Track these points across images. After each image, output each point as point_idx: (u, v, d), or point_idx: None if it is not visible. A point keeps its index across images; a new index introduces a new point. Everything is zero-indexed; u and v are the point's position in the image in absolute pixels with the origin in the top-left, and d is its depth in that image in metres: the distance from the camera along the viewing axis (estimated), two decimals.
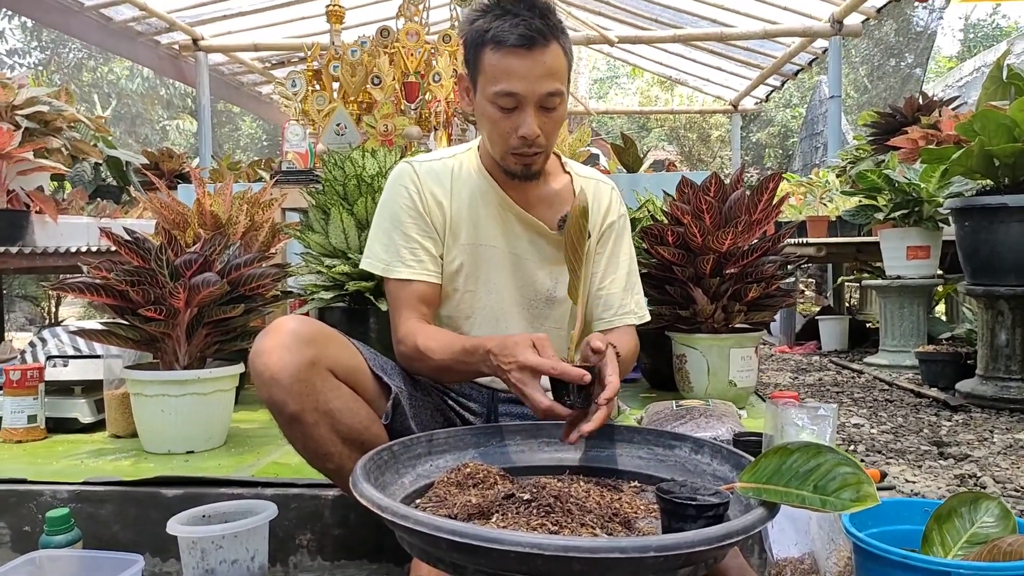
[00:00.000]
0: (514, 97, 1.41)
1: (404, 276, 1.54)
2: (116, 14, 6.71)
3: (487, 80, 1.43)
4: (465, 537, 0.87)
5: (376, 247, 1.58)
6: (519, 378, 1.24)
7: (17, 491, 1.73)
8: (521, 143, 1.45)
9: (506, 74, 1.40)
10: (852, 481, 0.98)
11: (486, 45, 1.41)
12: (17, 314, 8.10)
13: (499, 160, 1.51)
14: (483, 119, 1.49)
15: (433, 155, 1.65)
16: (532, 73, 1.39)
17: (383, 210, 1.59)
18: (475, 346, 1.36)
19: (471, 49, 1.46)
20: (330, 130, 3.25)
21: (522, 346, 1.26)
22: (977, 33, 16.90)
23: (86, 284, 1.91)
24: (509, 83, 1.40)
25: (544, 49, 1.39)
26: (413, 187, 1.57)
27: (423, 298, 1.55)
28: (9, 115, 3.55)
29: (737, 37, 7.34)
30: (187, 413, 1.99)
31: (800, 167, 9.50)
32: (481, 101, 1.46)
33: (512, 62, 1.39)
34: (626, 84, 20.25)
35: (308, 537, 1.68)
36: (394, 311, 1.56)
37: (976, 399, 3.17)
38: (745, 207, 2.43)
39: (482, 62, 1.43)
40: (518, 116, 1.43)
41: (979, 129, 2.95)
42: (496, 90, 1.41)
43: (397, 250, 1.55)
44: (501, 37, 1.39)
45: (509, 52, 1.39)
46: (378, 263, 1.57)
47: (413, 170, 1.59)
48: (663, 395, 2.61)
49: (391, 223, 1.57)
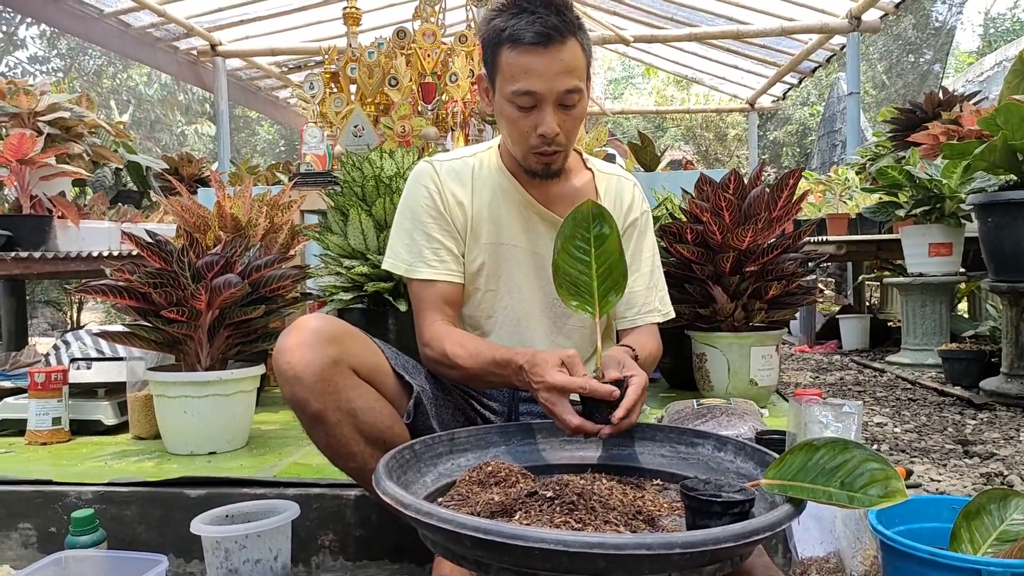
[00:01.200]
0: (532, 96, 1.40)
1: (427, 276, 1.54)
2: (135, 20, 6.77)
3: (505, 79, 1.42)
4: (489, 534, 0.87)
5: (398, 247, 1.58)
6: (547, 398, 1.25)
7: (43, 492, 1.75)
8: (541, 142, 1.44)
9: (524, 72, 1.39)
10: (880, 477, 0.97)
11: (503, 44, 1.40)
12: (40, 320, 8.20)
13: (520, 159, 1.51)
14: (502, 119, 1.48)
15: (453, 154, 1.65)
16: (550, 71, 1.38)
17: (404, 210, 1.59)
18: (506, 360, 1.36)
19: (488, 49, 1.45)
20: (348, 132, 3.26)
21: (551, 364, 1.26)
22: (998, 27, 16.71)
23: (109, 286, 1.93)
24: (527, 81, 1.39)
25: (561, 46, 1.38)
26: (434, 186, 1.57)
27: (447, 299, 1.55)
28: (32, 121, 3.60)
29: (753, 35, 7.30)
30: (209, 414, 2.00)
31: (818, 165, 9.43)
32: (500, 101, 1.46)
33: (529, 60, 1.38)
34: (641, 84, 20.20)
35: (330, 537, 1.68)
36: (418, 313, 1.56)
37: (1001, 397, 3.13)
38: (765, 204, 2.41)
39: (500, 61, 1.42)
40: (537, 115, 1.42)
41: (1002, 123, 2.91)
42: (514, 89, 1.40)
43: (419, 250, 1.55)
44: (518, 35, 1.38)
45: (526, 50, 1.38)
46: (401, 264, 1.57)
47: (433, 169, 1.59)
48: (683, 394, 2.60)
49: (412, 223, 1.57)
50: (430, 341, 1.50)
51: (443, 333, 1.49)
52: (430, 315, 1.53)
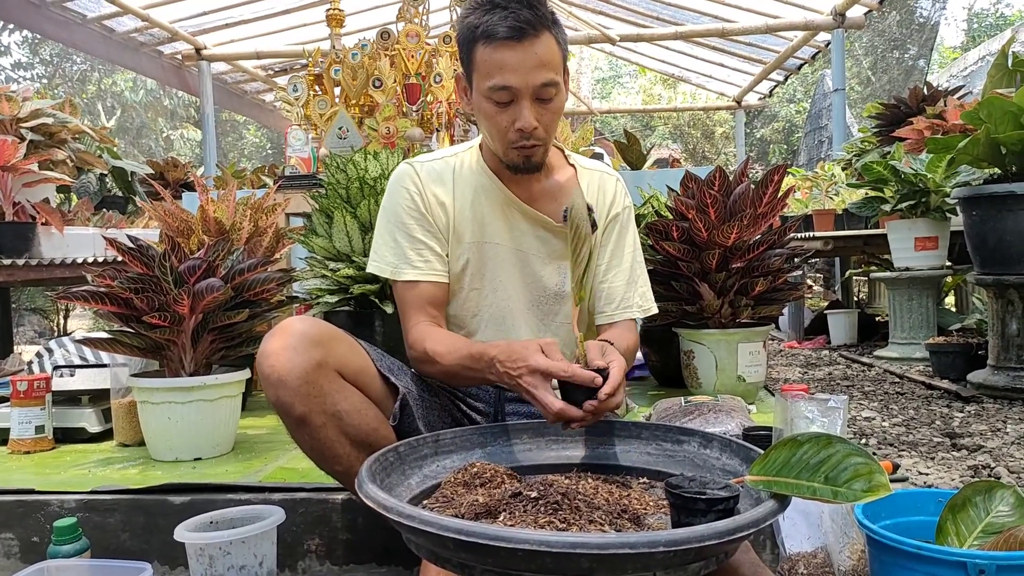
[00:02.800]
0: (508, 91, 1.40)
1: (412, 278, 1.54)
2: (119, 25, 6.73)
3: (481, 76, 1.42)
4: (472, 536, 0.86)
5: (383, 250, 1.57)
6: (530, 382, 1.24)
7: (25, 501, 1.73)
8: (519, 136, 1.44)
9: (499, 68, 1.39)
10: (864, 471, 0.97)
11: (477, 41, 1.40)
12: (26, 327, 8.13)
13: (500, 155, 1.51)
14: (481, 115, 1.48)
15: (434, 155, 1.65)
16: (524, 65, 1.38)
17: (386, 212, 1.59)
18: (480, 353, 1.35)
19: (464, 47, 1.45)
20: (332, 134, 3.24)
21: (531, 350, 1.25)
22: (981, 22, 16.82)
23: (90, 292, 1.91)
24: (502, 76, 1.39)
25: (535, 39, 1.38)
26: (415, 188, 1.56)
27: (431, 299, 1.55)
28: (14, 127, 3.57)
29: (739, 32, 7.31)
30: (194, 420, 1.99)
31: (805, 162, 9.47)
32: (478, 98, 1.46)
33: (504, 55, 1.38)
34: (629, 83, 20.23)
35: (316, 542, 1.67)
36: (403, 315, 1.55)
37: (988, 390, 3.15)
38: (750, 200, 2.42)
39: (475, 58, 1.42)
40: (514, 109, 1.42)
41: (985, 117, 2.92)
42: (490, 84, 1.40)
43: (403, 252, 1.55)
44: (491, 31, 1.38)
45: (500, 45, 1.38)
46: (386, 266, 1.56)
47: (414, 171, 1.58)
48: (671, 392, 2.59)
49: (395, 225, 1.56)
50: (413, 342, 1.50)
51: (426, 333, 1.49)
52: (415, 316, 1.53)
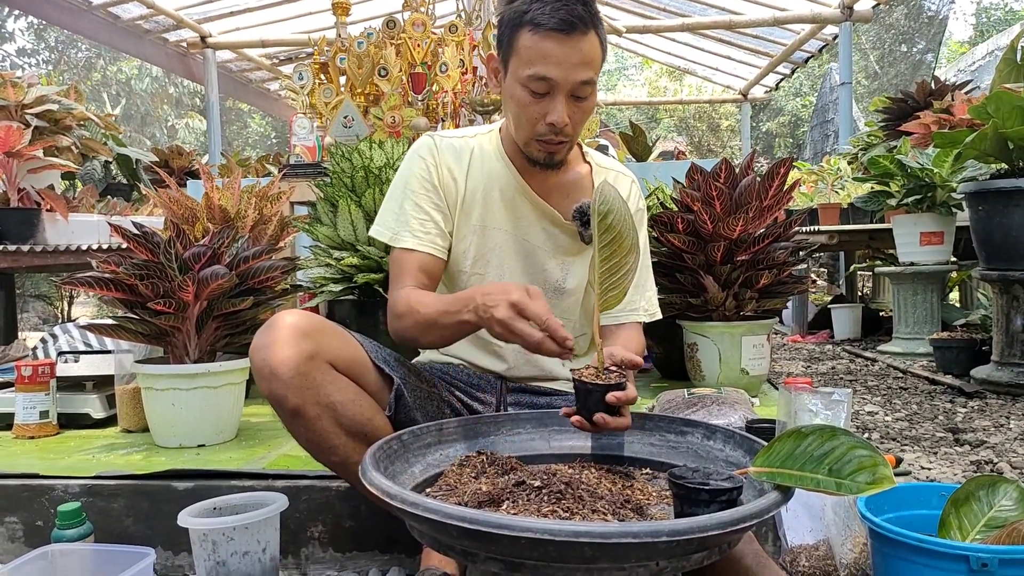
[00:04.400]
0: (547, 82, 1.38)
1: (409, 245, 1.53)
2: (124, 12, 6.72)
3: (520, 62, 1.40)
4: (475, 523, 0.86)
5: (387, 215, 1.57)
6: (506, 314, 1.19)
7: (29, 486, 1.73)
8: (548, 130, 1.42)
9: (542, 58, 1.37)
10: (868, 464, 0.96)
11: (523, 26, 1.38)
12: (31, 314, 8.16)
13: (522, 146, 1.50)
14: (511, 102, 1.46)
15: (456, 132, 1.64)
16: (568, 59, 1.37)
17: (399, 179, 1.58)
18: (465, 295, 1.31)
19: (507, 28, 1.43)
20: (337, 123, 3.24)
21: (513, 286, 1.23)
22: (989, 17, 16.73)
23: (95, 278, 1.91)
24: (544, 67, 1.37)
25: (583, 36, 1.37)
26: (431, 159, 1.56)
27: (425, 268, 1.52)
28: (19, 114, 3.57)
29: (746, 25, 7.28)
30: (198, 407, 1.99)
31: (811, 156, 9.44)
32: (511, 83, 1.44)
33: (549, 46, 1.36)
34: (635, 75, 20.17)
35: (319, 529, 1.68)
36: (394, 279, 1.53)
37: (992, 385, 3.14)
38: (756, 193, 2.41)
39: (517, 43, 1.40)
40: (548, 102, 1.40)
41: (993, 111, 2.91)
42: (530, 73, 1.38)
43: (407, 219, 1.54)
44: (540, 20, 1.36)
45: (547, 35, 1.36)
46: (387, 231, 1.56)
47: (434, 143, 1.58)
48: (675, 384, 2.59)
49: (404, 192, 1.56)
50: (397, 298, 1.46)
51: (412, 292, 1.46)
52: (405, 279, 1.50)
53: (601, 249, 1.17)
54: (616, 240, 1.16)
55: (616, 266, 1.17)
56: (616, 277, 1.18)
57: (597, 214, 1.16)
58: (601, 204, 1.15)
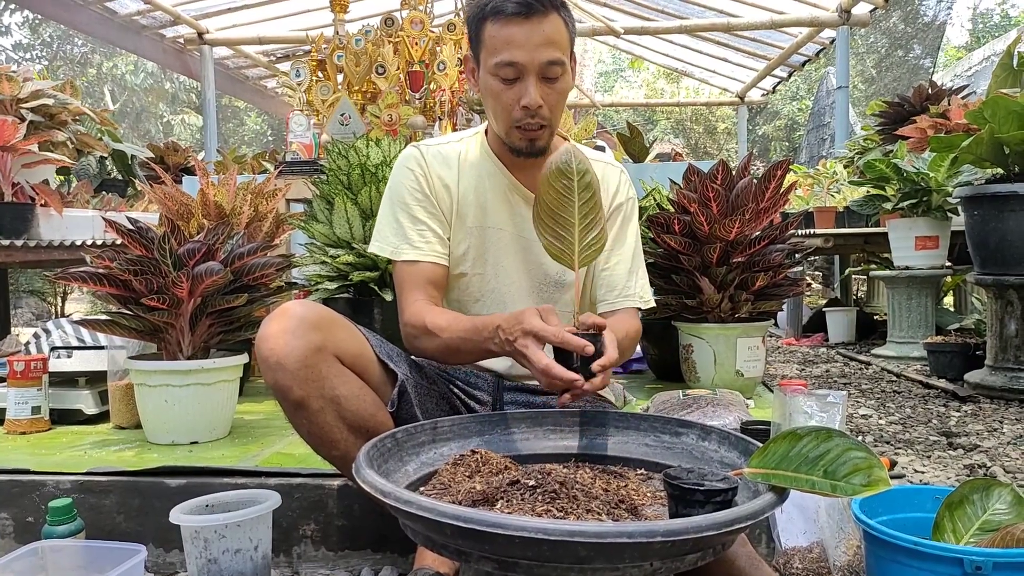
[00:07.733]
0: (515, 67, 1.41)
1: (412, 257, 1.53)
2: (120, 7, 6.69)
3: (488, 53, 1.43)
4: (469, 522, 0.86)
5: (385, 231, 1.57)
6: (523, 343, 1.23)
7: (20, 482, 1.72)
8: (524, 114, 1.44)
9: (506, 44, 1.40)
10: (863, 466, 0.96)
11: (487, 18, 1.42)
12: (24, 309, 8.12)
13: (504, 136, 1.50)
14: (487, 94, 1.48)
15: (440, 139, 1.65)
16: (531, 41, 1.39)
17: (390, 194, 1.59)
18: (485, 323, 1.34)
19: (473, 24, 1.46)
20: (334, 120, 3.23)
21: (528, 314, 1.26)
22: (986, 23, 16.79)
23: (88, 273, 1.90)
24: (509, 52, 1.40)
25: (543, 17, 1.40)
26: (420, 170, 1.56)
27: (431, 279, 1.54)
28: (14, 108, 3.55)
29: (743, 27, 7.28)
30: (191, 404, 1.98)
31: (807, 159, 9.44)
32: (484, 76, 1.46)
33: (511, 31, 1.39)
34: (632, 77, 20.18)
35: (312, 527, 1.67)
36: (401, 294, 1.54)
37: (985, 390, 3.15)
38: (752, 195, 2.41)
39: (483, 35, 1.43)
40: (520, 87, 1.42)
41: (989, 116, 2.92)
42: (497, 60, 1.41)
43: (405, 233, 1.54)
44: (500, 7, 1.40)
45: (508, 21, 1.39)
46: (387, 247, 1.56)
47: (420, 153, 1.59)
48: (670, 386, 2.59)
49: (398, 206, 1.56)
50: (411, 317, 1.48)
51: (425, 309, 1.47)
52: (413, 294, 1.51)
53: (580, 207, 1.28)
54: (592, 198, 1.28)
55: (593, 222, 1.29)
56: (594, 233, 1.29)
57: (576, 173, 1.27)
58: (579, 164, 1.28)
